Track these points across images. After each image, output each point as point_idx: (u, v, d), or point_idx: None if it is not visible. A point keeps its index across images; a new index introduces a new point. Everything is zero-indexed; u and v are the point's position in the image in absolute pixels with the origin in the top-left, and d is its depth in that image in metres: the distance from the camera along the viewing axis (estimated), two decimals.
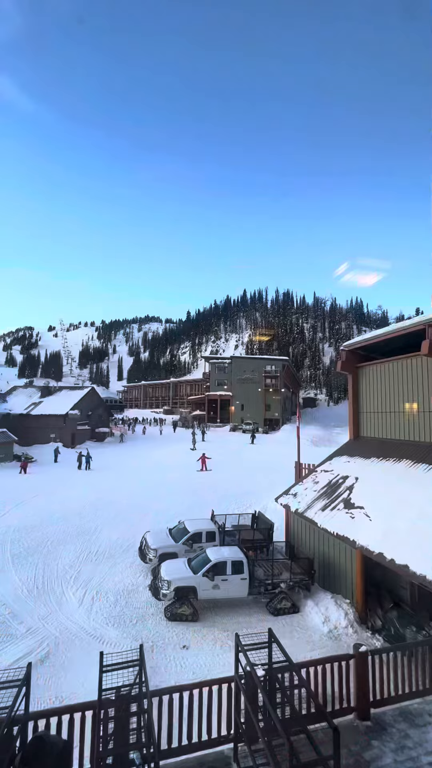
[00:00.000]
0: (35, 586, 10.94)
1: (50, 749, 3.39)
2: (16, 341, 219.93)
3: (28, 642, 8.54)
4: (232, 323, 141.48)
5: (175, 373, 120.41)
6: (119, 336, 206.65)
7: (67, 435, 39.44)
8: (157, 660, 8.10)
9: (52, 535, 14.48)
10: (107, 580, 11.41)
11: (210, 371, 66.74)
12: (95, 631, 9.05)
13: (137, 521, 16.31)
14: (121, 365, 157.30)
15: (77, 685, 7.27)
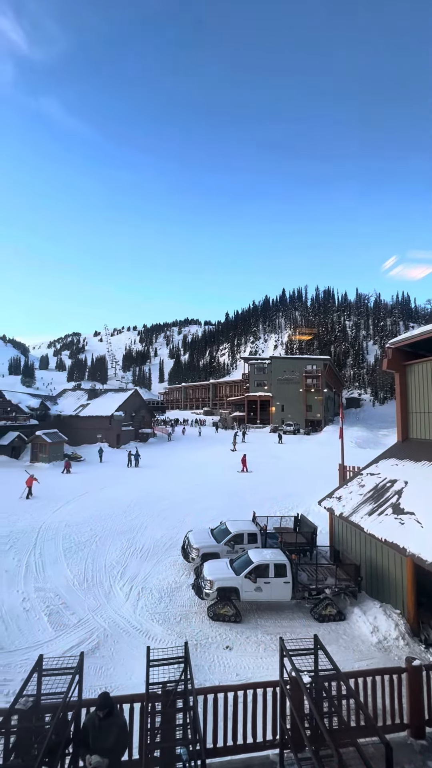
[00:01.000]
0: (85, 579, 11.47)
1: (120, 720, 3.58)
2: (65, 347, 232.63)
3: (79, 632, 8.97)
4: (271, 323, 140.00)
5: (214, 374, 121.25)
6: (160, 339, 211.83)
7: (112, 435, 41.02)
8: (201, 659, 8.18)
9: (100, 531, 15.11)
10: (152, 577, 11.71)
11: (249, 372, 66.45)
12: (141, 626, 9.32)
13: (180, 520, 16.61)
14: (162, 367, 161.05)
15: (125, 678, 7.53)
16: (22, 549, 13.27)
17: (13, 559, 12.51)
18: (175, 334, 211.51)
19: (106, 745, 3.72)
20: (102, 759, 3.55)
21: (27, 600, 10.18)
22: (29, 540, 14.06)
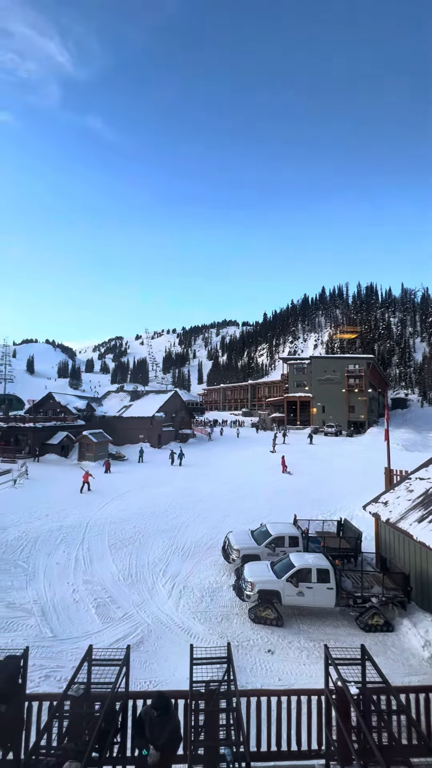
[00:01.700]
0: (129, 574, 11.86)
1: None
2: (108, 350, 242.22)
3: (124, 626, 9.28)
4: (311, 322, 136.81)
5: (252, 375, 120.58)
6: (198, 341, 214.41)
7: (153, 436, 42.07)
8: (243, 660, 8.15)
9: (143, 529, 15.55)
10: (193, 576, 11.86)
11: (288, 372, 65.36)
12: (183, 623, 9.47)
13: (219, 521, 16.69)
14: (201, 369, 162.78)
15: (168, 673, 7.69)
16: (72, 543, 13.97)
17: (63, 552, 13.21)
18: (213, 335, 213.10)
19: (159, 741, 3.81)
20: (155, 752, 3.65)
21: (76, 592, 10.70)
22: (77, 535, 14.77)
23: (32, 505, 18.38)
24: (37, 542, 13.89)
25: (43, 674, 7.45)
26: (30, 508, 17.94)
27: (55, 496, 20.42)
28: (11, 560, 12.44)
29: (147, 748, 3.65)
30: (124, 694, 4.09)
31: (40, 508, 18.03)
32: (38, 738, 3.47)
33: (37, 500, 19.46)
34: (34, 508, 17.97)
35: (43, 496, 20.57)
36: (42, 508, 18.10)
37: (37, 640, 8.42)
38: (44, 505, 18.50)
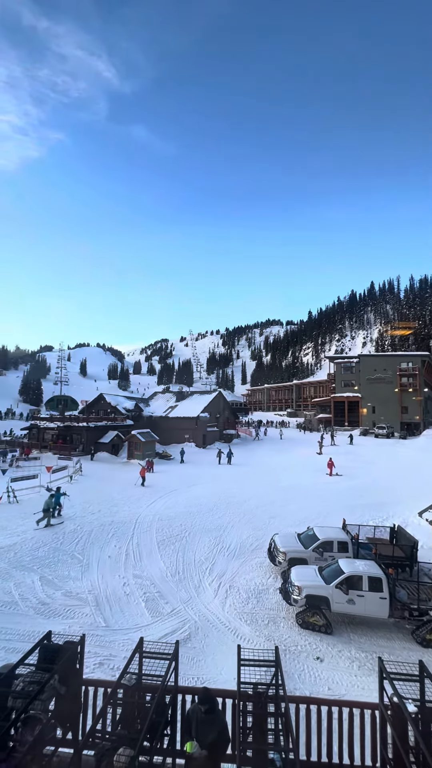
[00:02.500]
0: (177, 571, 12.12)
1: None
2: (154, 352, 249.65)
3: (172, 621, 9.50)
4: (359, 319, 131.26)
5: (297, 375, 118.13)
6: (242, 341, 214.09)
7: (198, 436, 42.67)
8: (290, 665, 8.01)
9: (189, 527, 15.82)
10: (238, 577, 11.85)
11: (335, 372, 63.18)
12: (229, 623, 9.49)
13: (265, 522, 16.53)
14: (245, 369, 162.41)
15: (215, 672, 7.74)
16: (122, 538, 14.56)
17: (114, 546, 13.81)
18: (256, 335, 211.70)
19: (207, 739, 3.85)
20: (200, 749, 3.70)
21: (127, 585, 11.14)
22: (128, 530, 15.37)
23: (86, 500, 19.42)
24: (90, 535, 14.65)
25: (97, 661, 7.83)
26: (84, 503, 18.98)
27: (107, 493, 21.41)
28: (68, 551, 13.23)
29: (191, 745, 3.70)
30: (173, 689, 4.18)
31: (93, 504, 19.01)
32: (95, 722, 3.65)
33: (91, 496, 20.52)
34: (87, 503, 18.99)
35: (95, 492, 21.66)
36: (95, 503, 19.07)
37: (91, 629, 8.87)
38: (97, 501, 19.48)
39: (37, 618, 9.33)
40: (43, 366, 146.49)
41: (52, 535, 14.61)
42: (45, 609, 9.74)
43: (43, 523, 15.59)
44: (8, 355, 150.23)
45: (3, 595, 10.27)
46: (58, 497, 16.90)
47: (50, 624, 8.68)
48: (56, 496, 16.85)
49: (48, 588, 10.75)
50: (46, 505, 16.00)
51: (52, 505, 16.34)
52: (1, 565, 11.97)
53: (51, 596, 10.34)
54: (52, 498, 16.55)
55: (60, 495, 17.12)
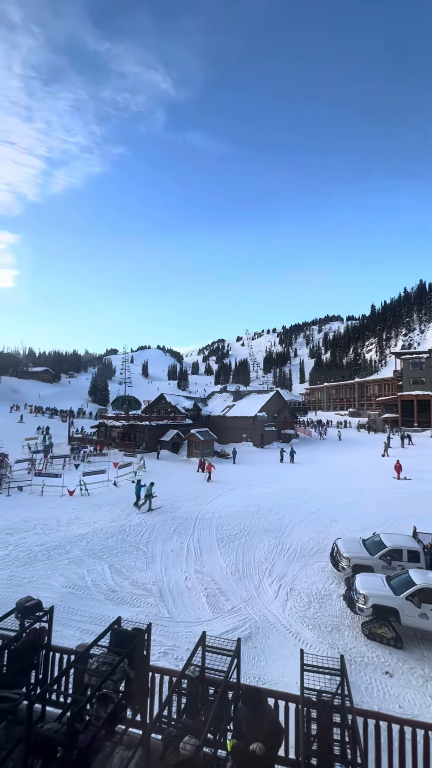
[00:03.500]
0: (236, 569, 12.20)
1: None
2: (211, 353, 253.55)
3: (233, 619, 9.58)
4: (429, 311, 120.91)
5: (359, 372, 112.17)
6: (300, 339, 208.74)
7: (256, 435, 42.47)
8: (356, 677, 7.65)
9: (248, 527, 15.83)
10: (299, 580, 11.60)
11: (402, 368, 58.94)
12: (291, 626, 9.33)
13: (326, 525, 15.98)
14: (303, 368, 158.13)
15: (277, 674, 7.66)
16: (183, 534, 15.01)
17: (176, 541, 14.29)
18: (315, 332, 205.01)
19: (259, 735, 3.84)
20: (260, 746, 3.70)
21: (188, 579, 11.46)
22: (188, 526, 15.81)
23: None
24: (154, 530, 15.31)
25: (162, 651, 8.16)
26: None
27: (169, 489, 22.18)
28: (134, 543, 13.98)
29: (232, 743, 3.68)
30: (236, 685, 4.22)
31: (155, 500, 19.84)
32: (161, 708, 3.82)
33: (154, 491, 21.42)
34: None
35: (157, 488, 22.52)
36: (157, 499, 19.87)
37: (156, 619, 9.27)
38: (159, 497, 20.28)
39: (107, 603, 9.99)
40: (109, 368, 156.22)
41: (118, 527, 15.53)
42: (114, 596, 10.39)
43: (145, 507, 18.10)
44: (79, 360, 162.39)
45: (78, 579, 11.15)
46: (139, 488, 19.06)
47: (119, 610, 9.24)
48: (140, 488, 19.06)
49: (116, 576, 11.45)
50: (148, 491, 18.49)
51: (152, 491, 18.73)
52: (76, 552, 13.01)
53: (119, 584, 11.00)
54: (151, 485, 19.02)
55: (142, 486, 19.10)
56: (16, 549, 13.11)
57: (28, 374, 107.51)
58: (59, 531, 15.00)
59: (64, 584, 10.85)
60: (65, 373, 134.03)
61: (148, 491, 18.62)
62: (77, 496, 20.68)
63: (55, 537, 14.31)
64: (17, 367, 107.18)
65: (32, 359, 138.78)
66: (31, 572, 11.51)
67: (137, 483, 19.48)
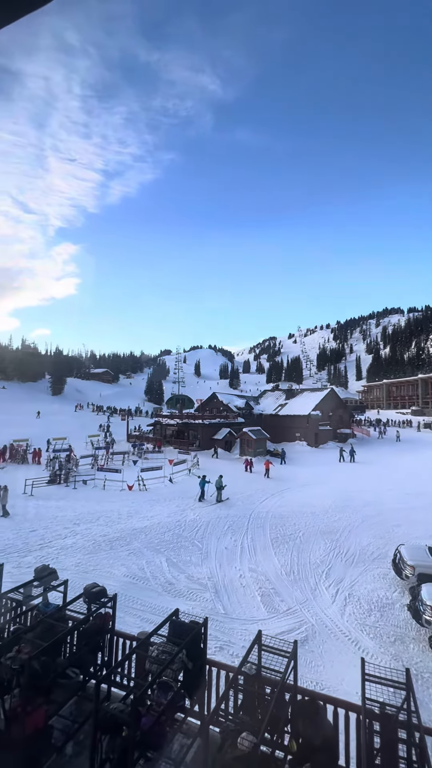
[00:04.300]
0: (291, 571, 11.99)
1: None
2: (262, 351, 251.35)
3: (288, 620, 9.45)
4: None
5: (423, 368, 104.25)
6: (355, 334, 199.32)
7: (310, 434, 41.36)
8: (424, 694, 7.16)
9: (303, 528, 15.48)
10: (359, 586, 11.11)
11: None
12: (350, 633, 8.98)
13: (388, 530, 15.12)
14: (359, 364, 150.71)
15: (335, 681, 7.42)
16: (237, 532, 15.09)
17: (230, 539, 14.41)
18: (372, 327, 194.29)
19: (314, 741, 3.75)
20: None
21: (243, 577, 11.51)
22: (242, 524, 15.86)
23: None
24: (208, 526, 15.57)
25: (218, 645, 8.29)
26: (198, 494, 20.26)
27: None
28: (189, 538, 14.34)
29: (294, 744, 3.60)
30: (293, 687, 4.17)
31: (208, 496, 20.15)
32: (218, 702, 3.88)
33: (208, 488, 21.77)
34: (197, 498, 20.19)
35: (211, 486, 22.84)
36: (210, 496, 20.17)
37: (211, 614, 9.43)
38: (212, 494, 20.57)
39: (165, 595, 10.36)
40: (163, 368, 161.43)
41: (174, 522, 16.02)
42: (171, 588, 10.75)
43: (214, 498, 19.47)
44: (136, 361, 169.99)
45: (137, 570, 11.71)
46: (204, 483, 19.99)
47: (176, 602, 9.55)
48: (204, 483, 20.01)
49: (173, 570, 11.83)
50: (218, 484, 19.84)
51: (222, 484, 20.00)
52: (136, 544, 13.66)
53: (176, 578, 11.35)
54: (221, 478, 20.40)
55: (207, 483, 20.11)
56: (82, 538, 14.08)
57: (90, 375, 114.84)
58: (120, 523, 15.84)
59: (125, 574, 11.44)
60: (123, 373, 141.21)
61: (218, 483, 19.85)
62: (135, 491, 21.69)
63: (117, 529, 15.13)
64: (80, 369, 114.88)
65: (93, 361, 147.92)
66: (95, 560, 12.30)
67: (202, 479, 20.36)
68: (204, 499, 19.56)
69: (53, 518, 16.29)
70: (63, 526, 15.31)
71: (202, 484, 19.96)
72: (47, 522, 15.75)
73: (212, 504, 18.86)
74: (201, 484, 20.03)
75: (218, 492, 19.84)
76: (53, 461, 26.20)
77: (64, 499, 19.72)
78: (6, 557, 11.75)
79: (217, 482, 20.05)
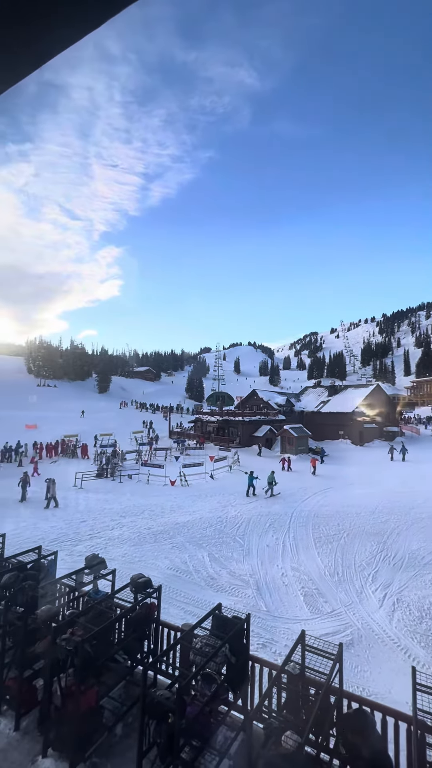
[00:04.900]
0: (335, 572, 11.69)
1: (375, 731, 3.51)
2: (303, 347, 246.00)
3: (332, 622, 9.23)
4: None
5: None
6: (403, 327, 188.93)
7: (354, 432, 39.92)
8: None
9: (347, 528, 15.01)
10: (408, 591, 10.58)
11: None
12: (399, 640, 8.59)
13: None
14: (408, 359, 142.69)
15: (383, 689, 7.15)
16: (279, 530, 14.96)
17: (272, 536, 14.32)
18: (422, 318, 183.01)
19: (363, 752, 3.65)
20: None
21: (285, 576, 11.40)
22: (284, 522, 15.69)
23: (244, 490, 20.73)
24: (249, 523, 15.58)
25: (260, 642, 8.29)
26: (243, 492, 20.31)
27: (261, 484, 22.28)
28: (230, 535, 14.43)
29: None
30: (338, 690, 4.08)
31: (250, 494, 20.14)
32: (262, 699, 3.89)
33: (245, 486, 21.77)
34: (245, 493, 20.23)
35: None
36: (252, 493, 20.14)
37: (253, 610, 9.44)
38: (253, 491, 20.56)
39: (207, 589, 10.52)
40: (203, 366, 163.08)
41: (216, 518, 16.19)
42: (213, 583, 10.89)
43: (269, 493, 20.12)
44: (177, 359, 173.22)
45: (180, 564, 11.99)
46: (251, 479, 20.39)
47: (218, 597, 9.67)
48: (252, 479, 20.42)
49: (215, 565, 11.98)
50: (270, 479, 20.47)
51: (274, 479, 20.59)
52: (179, 538, 13.98)
53: (218, 573, 11.49)
54: (272, 473, 21.00)
55: (255, 478, 20.49)
56: (128, 530, 14.66)
57: (133, 374, 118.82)
58: (163, 517, 16.29)
59: (169, 566, 11.76)
60: (165, 371, 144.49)
61: (270, 479, 20.56)
62: (178, 486, 22.17)
63: (160, 522, 15.58)
64: (124, 368, 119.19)
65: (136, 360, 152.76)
66: (140, 552, 12.76)
67: (250, 474, 20.71)
68: (254, 494, 19.95)
69: (101, 510, 17.10)
70: (110, 518, 16.03)
71: (250, 480, 20.29)
72: (96, 514, 16.57)
73: (257, 500, 18.84)
74: (249, 479, 20.36)
75: (270, 487, 20.34)
76: (100, 456, 27.46)
77: (111, 493, 20.62)
78: (59, 545, 12.52)
79: (269, 477, 20.60)
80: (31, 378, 77.93)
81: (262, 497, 19.63)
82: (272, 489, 20.38)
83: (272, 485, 20.44)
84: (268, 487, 20.47)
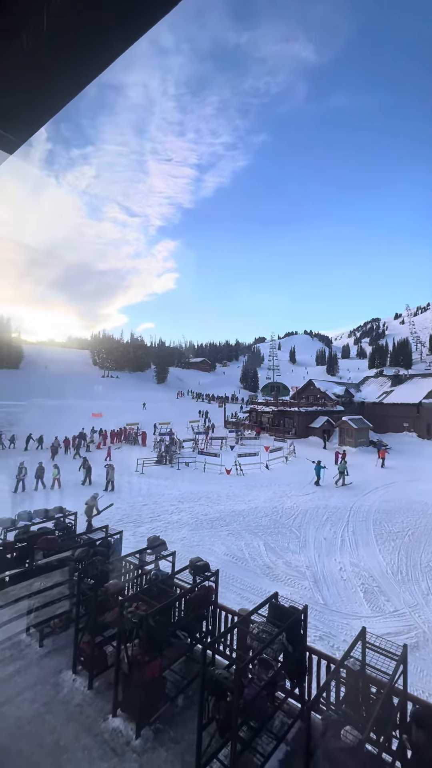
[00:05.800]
0: (399, 571, 11.10)
1: None
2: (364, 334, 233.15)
3: (395, 622, 8.82)
4: None
5: None
6: None
7: (421, 425, 37.19)
8: None
9: (413, 526, 14.14)
10: None
11: None
12: None
13: None
14: None
15: None
16: (337, 523, 14.54)
17: (329, 530, 13.97)
18: None
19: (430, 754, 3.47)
20: None
21: (343, 570, 11.08)
22: (342, 516, 15.20)
23: (300, 481, 20.41)
24: (306, 515, 15.34)
25: (318, 635, 8.20)
26: (299, 483, 20.01)
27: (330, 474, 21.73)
28: (287, 525, 14.34)
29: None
30: (402, 693, 3.92)
31: (306, 485, 19.79)
32: (320, 690, 3.87)
33: (304, 477, 21.39)
34: (301, 484, 19.92)
35: (307, 474, 22.35)
36: (308, 485, 19.78)
37: (310, 603, 9.31)
38: (310, 483, 20.14)
39: (263, 578, 10.60)
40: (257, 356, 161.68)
41: (271, 508, 16.17)
42: (269, 572, 10.94)
43: (340, 482, 20.18)
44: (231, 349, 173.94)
45: (237, 551, 12.20)
46: (319, 469, 20.30)
47: (274, 586, 9.70)
48: (319, 469, 20.31)
49: (271, 554, 12.01)
50: (341, 468, 20.56)
51: (345, 469, 20.60)
52: (235, 526, 14.22)
53: (274, 562, 11.51)
54: (344, 463, 21.00)
55: (322, 468, 20.38)
56: (186, 515, 15.21)
57: (189, 364, 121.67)
58: (219, 505, 16.64)
59: (225, 552, 12.03)
60: (219, 362, 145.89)
61: (341, 468, 20.63)
62: (233, 475, 22.45)
63: (217, 509, 15.94)
64: (181, 359, 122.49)
65: (192, 351, 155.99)
66: (198, 537, 13.19)
67: (317, 464, 20.63)
68: (320, 484, 20.02)
69: (161, 495, 17.92)
70: (169, 503, 16.75)
71: (317, 470, 20.30)
72: (156, 498, 17.41)
73: (314, 492, 18.46)
74: (316, 469, 20.36)
75: (341, 476, 20.43)
76: (159, 443, 28.68)
77: (170, 479, 21.49)
78: (124, 525, 13.38)
79: (340, 466, 20.77)
80: (96, 369, 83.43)
81: (320, 489, 19.17)
82: (344, 478, 20.32)
83: (344, 474, 20.37)
84: (339, 476, 20.43)
